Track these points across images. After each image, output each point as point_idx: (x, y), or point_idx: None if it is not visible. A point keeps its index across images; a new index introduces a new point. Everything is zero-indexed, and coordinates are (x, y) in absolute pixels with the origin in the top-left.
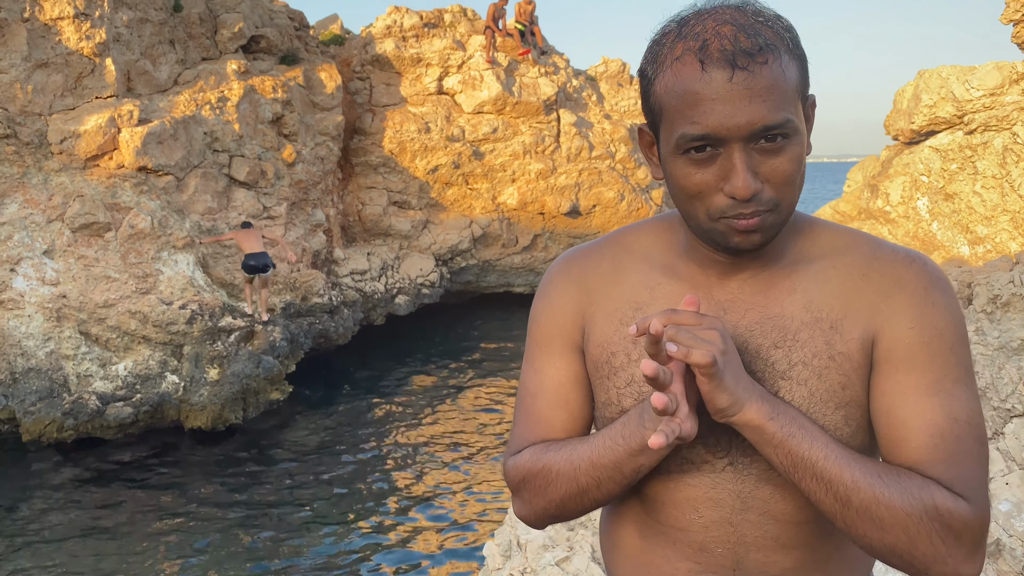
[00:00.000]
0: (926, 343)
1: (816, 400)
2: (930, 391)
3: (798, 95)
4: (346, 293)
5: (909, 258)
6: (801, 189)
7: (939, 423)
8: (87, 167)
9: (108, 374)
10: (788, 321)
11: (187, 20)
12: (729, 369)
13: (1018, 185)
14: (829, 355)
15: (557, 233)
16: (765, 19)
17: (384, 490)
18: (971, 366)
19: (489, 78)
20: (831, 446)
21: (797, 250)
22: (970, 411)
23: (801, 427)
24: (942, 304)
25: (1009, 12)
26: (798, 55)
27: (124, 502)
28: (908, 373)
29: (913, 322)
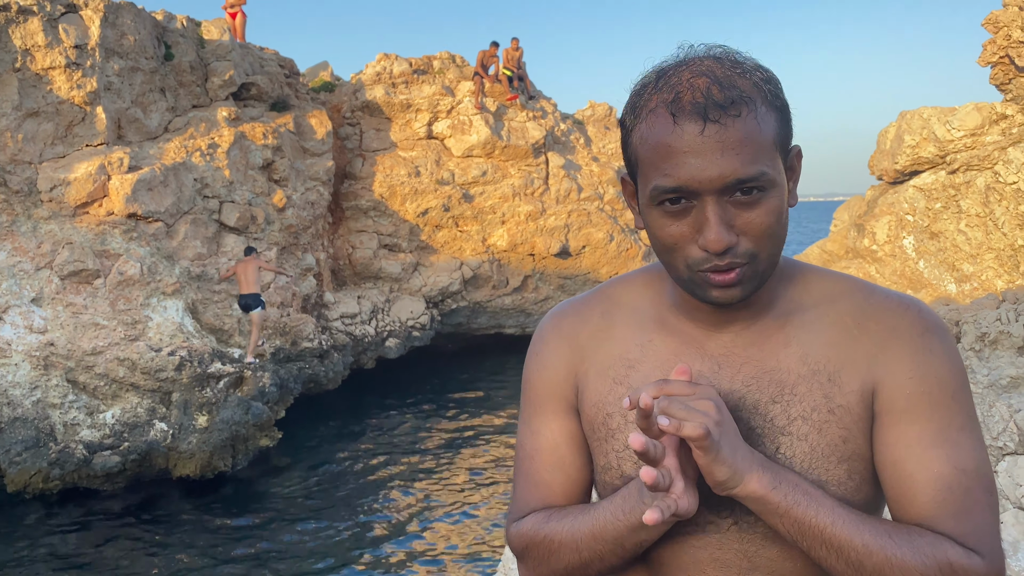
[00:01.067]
0: (927, 393)
1: (817, 455)
2: (934, 442)
3: (775, 147)
4: (336, 337)
5: (903, 305)
6: (783, 240)
7: (946, 475)
8: (76, 214)
9: (95, 422)
10: (785, 375)
11: (178, 68)
12: (726, 440)
13: (1001, 223)
14: (828, 408)
15: (547, 274)
16: (744, 70)
17: (377, 536)
18: (974, 412)
19: (478, 123)
20: (838, 510)
21: (789, 299)
22: (977, 459)
23: (805, 494)
24: (940, 351)
25: (986, 55)
26: (777, 106)
27: (111, 554)
28: (911, 425)
29: (912, 372)
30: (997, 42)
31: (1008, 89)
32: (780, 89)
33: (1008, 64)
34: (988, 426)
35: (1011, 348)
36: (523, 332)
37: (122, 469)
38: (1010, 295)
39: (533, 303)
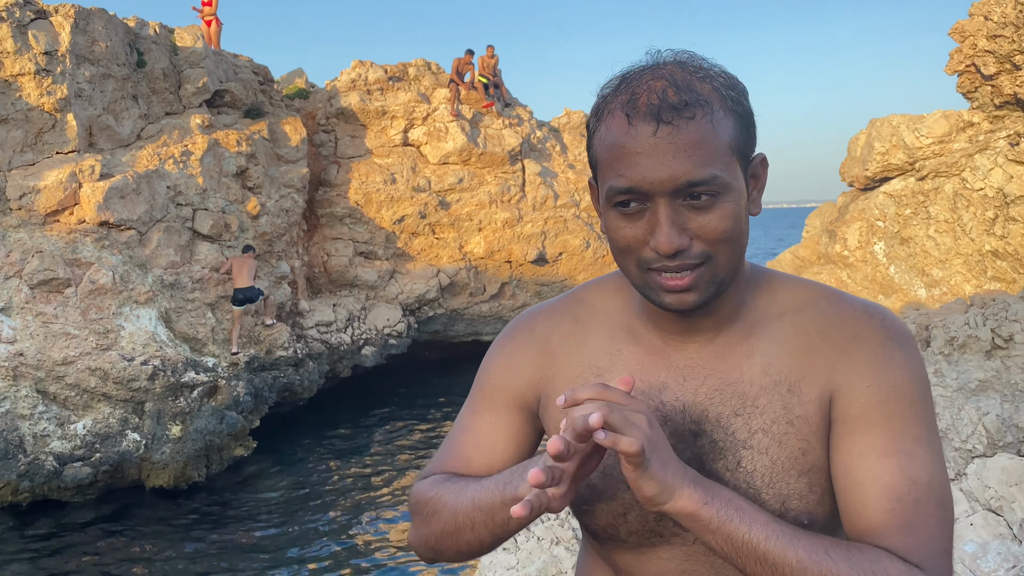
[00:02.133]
0: (883, 401)
1: (778, 468)
2: (887, 452)
3: (732, 152)
4: (311, 345)
5: (868, 313)
6: (742, 247)
7: (896, 486)
8: (47, 223)
9: (66, 433)
10: (747, 387)
11: (150, 75)
12: (656, 455)
13: (969, 229)
14: (788, 420)
15: (524, 281)
16: (705, 75)
17: (354, 545)
18: (934, 424)
19: (454, 130)
20: (772, 526)
21: (755, 308)
22: (931, 472)
23: (738, 509)
24: (900, 360)
25: (953, 63)
26: (738, 112)
27: (83, 567)
28: (865, 433)
29: (870, 380)
30: (963, 51)
31: (974, 97)
32: (743, 96)
33: (974, 73)
34: (957, 429)
35: (979, 352)
36: None
37: (94, 480)
38: (978, 300)
39: (510, 310)
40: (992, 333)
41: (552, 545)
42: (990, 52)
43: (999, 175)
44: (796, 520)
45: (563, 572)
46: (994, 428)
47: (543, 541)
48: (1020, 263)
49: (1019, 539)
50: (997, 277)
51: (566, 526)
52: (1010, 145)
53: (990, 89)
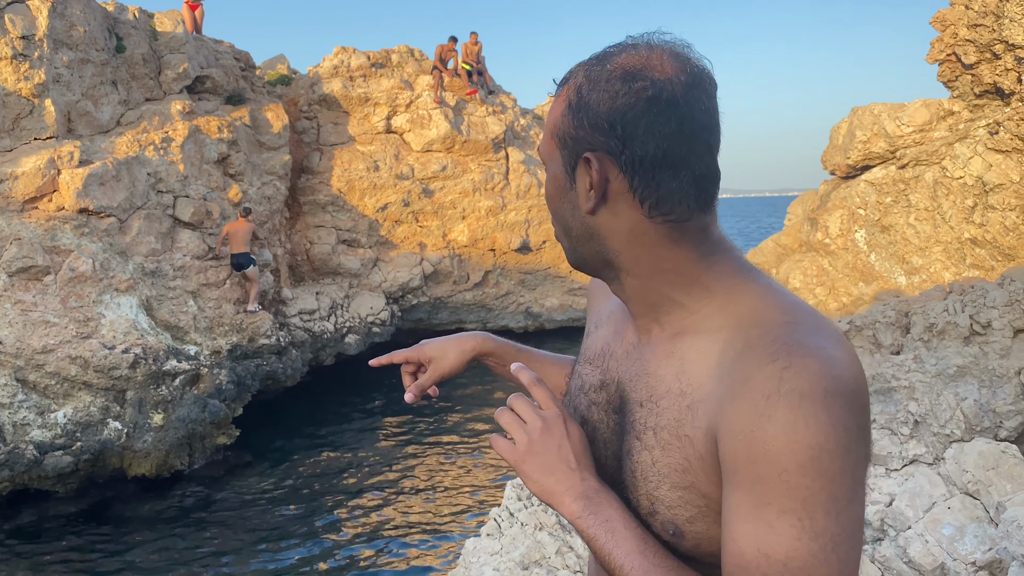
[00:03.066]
0: (752, 462)
1: (656, 472)
2: (748, 516)
3: (552, 135)
4: (294, 334)
5: (773, 356)
6: (561, 224)
7: (746, 555)
8: (25, 209)
9: (46, 422)
10: (657, 383)
11: (130, 61)
12: (538, 460)
13: (949, 217)
14: (676, 433)
15: (508, 269)
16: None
17: (337, 532)
18: (820, 499)
19: (438, 117)
20: (633, 556)
21: (697, 311)
22: (792, 551)
23: (609, 531)
24: (781, 421)
25: (934, 52)
26: (572, 104)
27: (65, 556)
28: (735, 489)
29: (743, 434)
30: (944, 40)
31: (955, 86)
32: (591, 95)
33: (955, 61)
34: (936, 414)
35: (957, 338)
36: (484, 327)
37: (75, 469)
38: (957, 286)
39: (494, 298)
40: (970, 320)
41: (535, 530)
42: (970, 41)
43: (978, 164)
44: (663, 526)
45: (546, 557)
46: (972, 413)
47: (527, 527)
48: (999, 251)
49: (995, 522)
50: (976, 264)
51: (550, 512)
52: (989, 134)
53: (970, 78)
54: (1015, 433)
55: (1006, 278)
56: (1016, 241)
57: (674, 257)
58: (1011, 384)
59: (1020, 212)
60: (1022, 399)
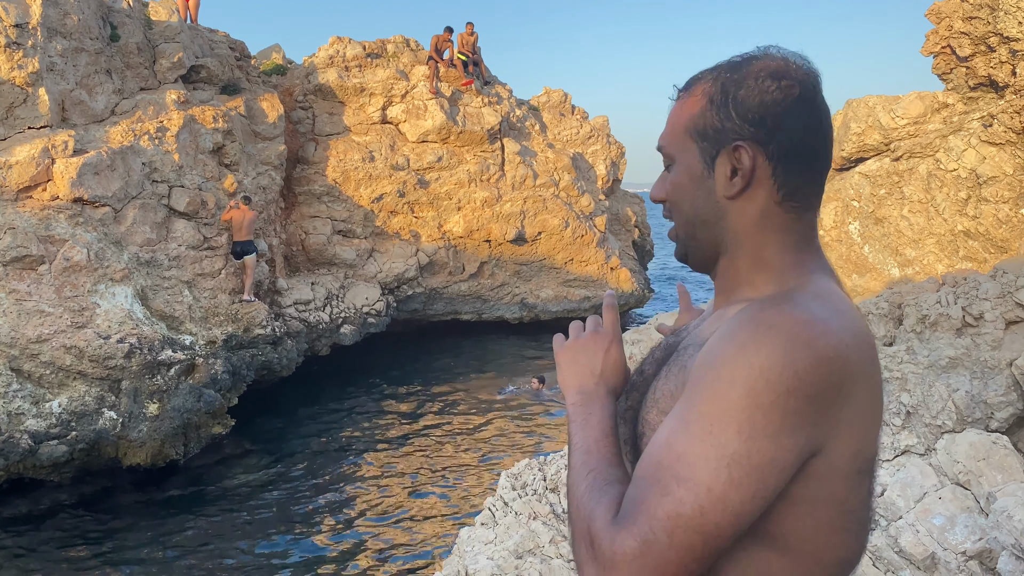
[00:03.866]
0: (699, 367)
1: (654, 398)
2: (674, 415)
3: (688, 132)
4: (290, 324)
5: (763, 304)
6: (688, 217)
7: (657, 442)
8: (19, 199)
9: (41, 411)
10: (701, 339)
11: (124, 50)
12: (570, 356)
13: (942, 209)
14: (682, 366)
15: (503, 260)
16: (733, 66)
17: (330, 523)
18: (742, 419)
19: (433, 108)
20: (588, 442)
21: (748, 294)
22: (689, 448)
23: (584, 422)
24: (739, 339)
25: (929, 45)
26: (716, 102)
27: (58, 547)
28: (679, 400)
29: (706, 350)
30: (939, 32)
31: (949, 79)
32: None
33: (950, 54)
34: (928, 405)
35: (950, 330)
36: (479, 318)
37: (70, 459)
38: (949, 279)
39: (489, 289)
40: (963, 311)
41: (530, 520)
42: (965, 34)
43: (972, 156)
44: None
45: (540, 546)
46: (963, 404)
47: (521, 516)
48: (991, 243)
49: (985, 512)
50: (969, 257)
51: (544, 501)
52: (983, 127)
53: (965, 71)
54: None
55: (999, 270)
56: (1009, 233)
57: (781, 243)
58: (1002, 376)
59: (1013, 204)
60: (1013, 390)
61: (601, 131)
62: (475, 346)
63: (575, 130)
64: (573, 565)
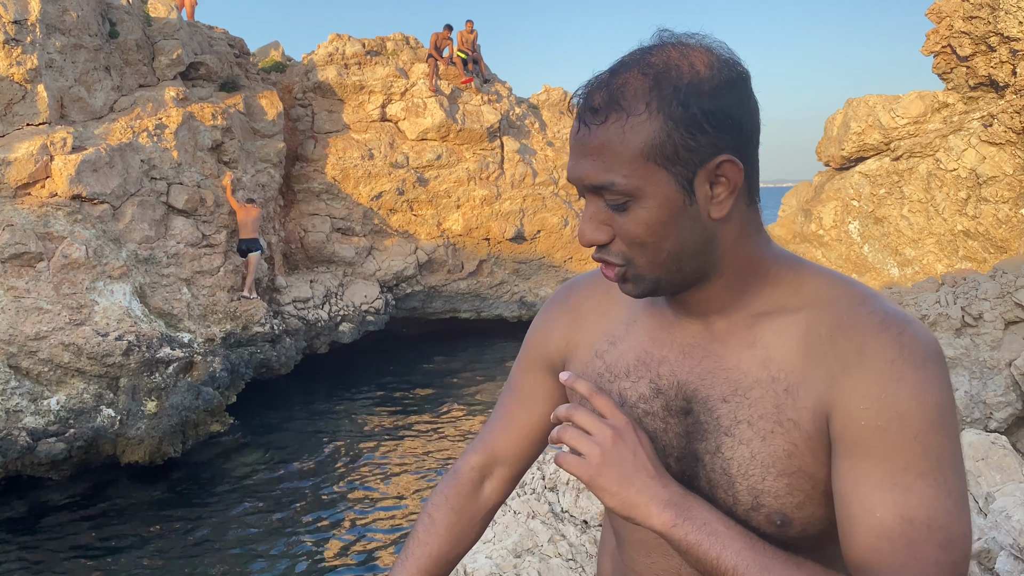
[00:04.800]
0: (883, 428)
1: (757, 464)
2: (882, 484)
3: (648, 158)
4: (288, 321)
5: (884, 323)
6: (667, 250)
7: (887, 523)
8: (17, 196)
9: (39, 409)
10: (742, 376)
11: (123, 46)
12: (615, 471)
13: (942, 209)
14: (777, 419)
15: (503, 258)
16: (655, 72)
17: (328, 519)
18: (948, 457)
19: (432, 105)
20: (744, 553)
21: (772, 300)
22: (933, 511)
23: (710, 534)
24: (910, 383)
25: (929, 44)
26: (676, 117)
27: (57, 544)
28: (861, 460)
29: (869, 403)
30: (940, 32)
31: (950, 78)
32: (701, 99)
33: (950, 53)
34: None
35: (949, 330)
36: (478, 316)
37: (68, 456)
38: (949, 279)
39: (488, 287)
40: (962, 311)
41: (528, 519)
42: (966, 33)
43: (972, 156)
44: (769, 518)
45: (539, 545)
46: (962, 404)
47: (519, 515)
48: (991, 243)
49: (984, 512)
50: (968, 256)
51: (542, 500)
52: (983, 126)
53: (965, 70)
54: (1005, 424)
55: (998, 270)
56: (1008, 233)
57: (758, 246)
58: (1001, 376)
59: (1013, 204)
60: (1012, 391)
61: None
62: (474, 344)
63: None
64: (572, 564)
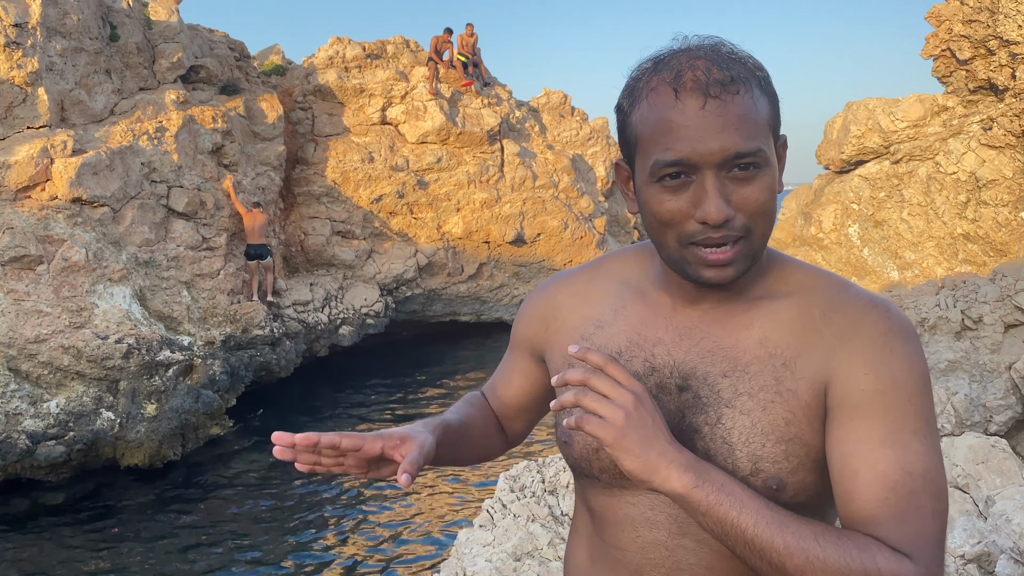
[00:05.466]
0: (881, 391)
1: (757, 431)
2: (884, 442)
3: (769, 129)
4: (288, 325)
5: (872, 304)
6: (774, 221)
7: (891, 476)
8: (18, 198)
9: (39, 412)
10: (740, 353)
11: (124, 50)
12: (637, 434)
13: (942, 212)
14: (777, 390)
15: (503, 261)
16: (738, 57)
17: (327, 522)
18: (932, 418)
19: (433, 109)
20: (762, 511)
21: (762, 285)
22: (927, 464)
23: (729, 494)
24: (901, 352)
25: (929, 48)
26: (769, 93)
27: (56, 547)
28: (862, 421)
29: (869, 369)
30: (939, 35)
31: (949, 82)
32: (770, 79)
33: (950, 57)
34: None
35: (949, 333)
36: (478, 319)
37: (67, 459)
38: (948, 282)
39: (488, 290)
40: (962, 315)
41: (528, 522)
42: (965, 37)
43: (972, 159)
44: (765, 483)
45: (539, 548)
46: (962, 408)
47: (519, 518)
48: (991, 246)
49: (984, 515)
50: (968, 260)
51: (542, 503)
52: (983, 130)
53: (965, 74)
54: (1005, 427)
55: (998, 273)
56: (1008, 236)
57: None
58: (1001, 379)
59: (1012, 207)
60: (1012, 394)
61: (601, 133)
62: (474, 347)
63: (575, 132)
64: None
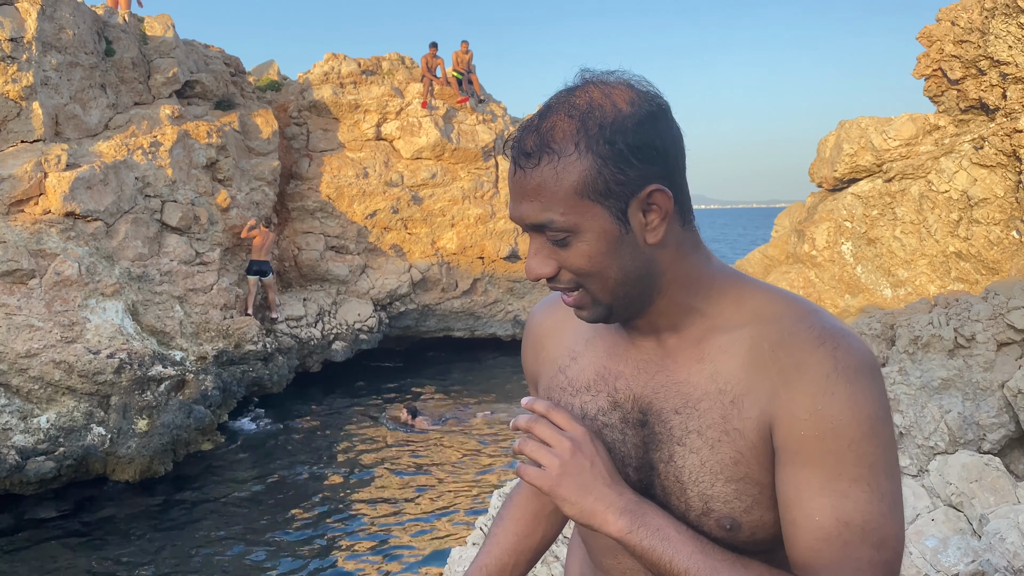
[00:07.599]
0: (819, 438)
1: (706, 471)
2: (821, 491)
3: (582, 195)
4: (281, 340)
5: (820, 339)
6: (616, 279)
7: (825, 526)
8: (11, 212)
9: (29, 427)
10: (691, 389)
11: (119, 64)
12: (574, 481)
13: (934, 230)
14: (724, 429)
15: (497, 277)
16: (585, 112)
17: (318, 538)
18: (881, 463)
19: (427, 125)
20: (695, 557)
21: (715, 315)
22: (867, 514)
23: (663, 539)
24: (844, 395)
25: (920, 67)
26: (603, 155)
27: (45, 561)
28: (801, 468)
29: (808, 414)
30: (931, 55)
31: (941, 101)
32: (626, 135)
33: (941, 77)
34: (920, 426)
35: (942, 351)
36: (472, 335)
37: (57, 475)
38: (941, 300)
39: (482, 306)
40: (955, 333)
41: None
42: (956, 57)
43: (963, 178)
44: (719, 523)
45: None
46: (955, 426)
47: None
48: (983, 264)
49: (978, 534)
50: (960, 278)
51: None
52: (974, 149)
53: (956, 93)
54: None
55: (990, 291)
56: (1000, 255)
57: (697, 264)
58: (995, 397)
59: (1004, 226)
60: (1005, 412)
61: None
62: (467, 363)
63: None
64: None
